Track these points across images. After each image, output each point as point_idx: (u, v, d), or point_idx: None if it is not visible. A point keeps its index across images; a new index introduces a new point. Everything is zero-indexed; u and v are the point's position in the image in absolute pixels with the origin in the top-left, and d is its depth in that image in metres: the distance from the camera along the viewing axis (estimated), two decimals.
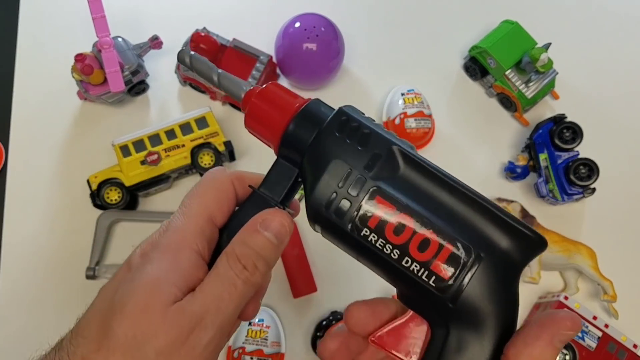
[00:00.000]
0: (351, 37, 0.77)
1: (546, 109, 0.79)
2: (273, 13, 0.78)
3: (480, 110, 0.79)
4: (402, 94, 0.74)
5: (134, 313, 0.25)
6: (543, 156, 0.72)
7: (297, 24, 0.72)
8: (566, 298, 0.67)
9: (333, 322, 0.66)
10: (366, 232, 0.25)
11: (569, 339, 0.23)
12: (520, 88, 0.74)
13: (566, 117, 0.73)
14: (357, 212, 0.25)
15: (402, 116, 0.72)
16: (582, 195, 0.71)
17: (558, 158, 0.72)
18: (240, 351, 0.64)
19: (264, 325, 0.65)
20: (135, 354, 0.24)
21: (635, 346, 0.67)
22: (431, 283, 0.25)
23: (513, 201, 0.72)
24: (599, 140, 0.76)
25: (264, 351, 0.64)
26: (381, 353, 0.27)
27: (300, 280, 0.68)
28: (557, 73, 0.76)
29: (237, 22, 0.80)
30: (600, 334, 0.66)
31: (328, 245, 0.29)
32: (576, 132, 0.72)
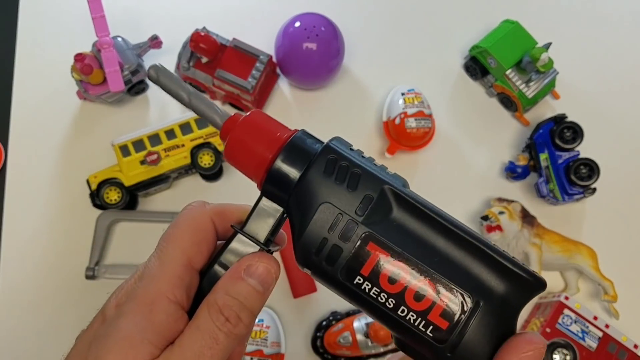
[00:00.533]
0: (351, 37, 0.77)
1: (547, 109, 0.79)
2: (273, 13, 0.78)
3: (480, 110, 0.79)
4: (402, 94, 0.74)
5: None
6: (544, 156, 0.72)
7: (297, 24, 0.72)
8: (567, 298, 0.67)
9: (333, 322, 0.66)
10: (359, 280, 0.24)
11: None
12: (520, 88, 0.74)
13: (567, 117, 0.73)
14: (349, 259, 0.24)
15: (402, 116, 0.72)
16: (583, 195, 0.71)
17: (559, 158, 0.72)
18: None
19: (264, 325, 0.65)
20: None
21: (635, 346, 0.66)
22: (428, 333, 0.24)
23: (513, 201, 0.72)
24: (600, 140, 0.76)
25: (264, 351, 0.64)
26: None
27: (300, 280, 0.68)
28: (558, 73, 0.76)
29: (237, 22, 0.80)
30: (600, 334, 0.66)
31: None
32: (577, 132, 0.72)
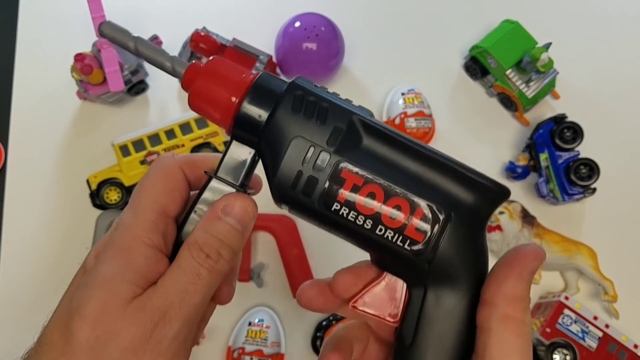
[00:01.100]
0: (351, 37, 0.77)
1: (547, 109, 0.79)
2: (273, 13, 0.78)
3: (480, 110, 0.79)
4: (403, 94, 0.74)
5: (93, 315, 0.24)
6: (544, 156, 0.72)
7: (297, 24, 0.72)
8: (567, 298, 0.67)
9: (333, 322, 0.66)
10: (336, 207, 0.25)
11: (536, 270, 0.25)
12: (520, 88, 0.74)
13: (567, 117, 0.73)
14: (325, 189, 0.25)
15: (402, 116, 0.72)
16: (583, 195, 0.71)
17: (559, 158, 0.72)
18: (240, 351, 0.64)
19: (264, 325, 0.65)
20: (99, 356, 0.24)
21: (635, 346, 0.66)
22: (406, 247, 0.25)
23: (513, 201, 0.72)
24: (600, 140, 0.76)
25: (264, 351, 0.64)
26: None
27: (300, 280, 0.68)
28: (558, 73, 0.76)
29: (237, 22, 0.80)
30: (600, 334, 0.66)
31: (328, 245, 0.29)
32: (577, 132, 0.72)
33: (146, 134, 0.69)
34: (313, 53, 0.70)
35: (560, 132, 0.72)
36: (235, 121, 0.27)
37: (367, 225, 0.25)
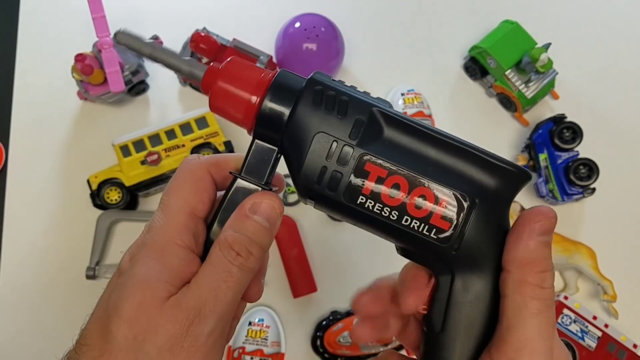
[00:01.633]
0: (351, 37, 0.77)
1: (546, 109, 0.79)
2: (273, 13, 0.78)
3: (480, 110, 0.79)
4: (402, 94, 0.74)
5: (130, 314, 0.25)
6: (543, 156, 0.72)
7: (297, 24, 0.72)
8: (566, 298, 0.68)
9: (333, 322, 0.66)
10: (362, 200, 0.26)
11: (548, 230, 0.25)
12: (520, 88, 0.74)
13: (566, 117, 0.73)
14: (350, 182, 0.26)
15: None
16: (582, 195, 0.71)
17: (558, 158, 0.72)
18: (240, 351, 0.64)
19: (264, 325, 0.65)
20: (137, 354, 0.24)
21: (635, 346, 0.67)
22: (432, 236, 0.26)
23: (513, 201, 0.72)
24: (599, 140, 0.76)
25: (264, 351, 0.64)
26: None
27: (300, 280, 0.68)
28: (557, 73, 0.76)
29: (237, 22, 0.80)
30: (600, 334, 0.66)
31: (328, 245, 0.29)
32: (576, 132, 0.72)
33: (147, 134, 0.69)
34: (313, 53, 0.71)
35: (559, 132, 0.72)
36: (257, 120, 0.27)
37: (393, 216, 0.26)
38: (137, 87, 0.74)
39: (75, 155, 0.74)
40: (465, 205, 0.25)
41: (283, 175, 0.31)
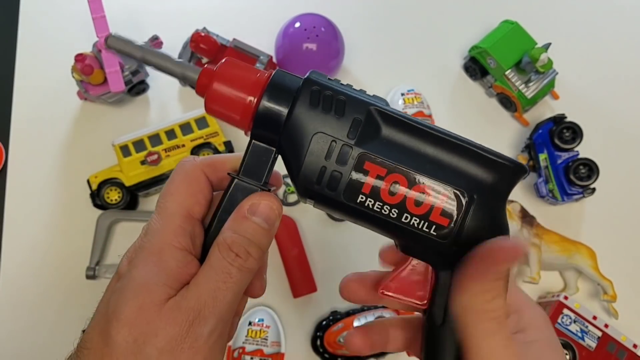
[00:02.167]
0: (351, 37, 0.77)
1: (546, 109, 0.79)
2: (273, 13, 0.78)
3: (480, 110, 0.79)
4: (402, 94, 0.74)
5: (130, 317, 0.25)
6: (543, 156, 0.72)
7: (297, 24, 0.72)
8: (566, 298, 0.68)
9: (333, 322, 0.66)
10: (362, 199, 0.26)
11: (506, 272, 0.25)
12: (520, 88, 0.74)
13: (566, 117, 0.73)
14: (350, 181, 0.26)
15: None
16: (582, 195, 0.71)
17: (558, 158, 0.72)
18: (240, 351, 0.64)
19: (264, 325, 0.65)
20: (138, 357, 0.24)
21: (635, 346, 0.67)
22: (432, 232, 0.26)
23: (513, 201, 0.72)
24: (599, 140, 0.76)
25: (264, 351, 0.64)
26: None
27: (300, 280, 0.68)
28: (557, 73, 0.76)
29: (237, 22, 0.80)
30: (600, 334, 0.66)
31: (328, 245, 0.29)
32: (576, 132, 0.72)
33: (147, 134, 0.69)
34: (313, 53, 0.71)
35: (559, 132, 0.72)
36: (254, 121, 0.27)
37: (393, 214, 0.26)
38: (137, 87, 0.74)
39: (75, 155, 0.74)
40: (463, 201, 0.26)
41: (281, 174, 0.31)
